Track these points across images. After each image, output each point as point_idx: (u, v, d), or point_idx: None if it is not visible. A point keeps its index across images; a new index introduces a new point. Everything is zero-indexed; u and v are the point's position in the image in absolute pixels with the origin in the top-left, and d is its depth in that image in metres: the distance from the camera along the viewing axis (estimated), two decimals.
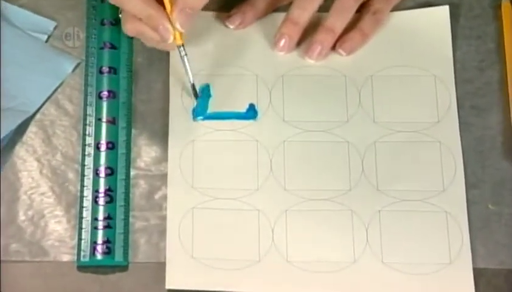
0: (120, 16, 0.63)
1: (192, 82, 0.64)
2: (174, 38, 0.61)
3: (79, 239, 0.61)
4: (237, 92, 0.65)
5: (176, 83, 0.66)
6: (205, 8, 0.65)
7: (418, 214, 0.62)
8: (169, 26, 0.60)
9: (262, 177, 0.63)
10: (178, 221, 0.62)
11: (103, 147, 0.64)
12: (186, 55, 0.62)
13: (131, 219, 0.62)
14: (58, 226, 0.62)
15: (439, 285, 0.60)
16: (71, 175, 0.63)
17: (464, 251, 0.61)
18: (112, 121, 0.64)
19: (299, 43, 0.67)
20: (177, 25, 0.60)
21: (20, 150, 0.64)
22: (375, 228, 0.62)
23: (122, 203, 0.62)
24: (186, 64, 0.63)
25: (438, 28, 0.67)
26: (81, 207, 0.62)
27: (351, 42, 0.66)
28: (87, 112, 0.65)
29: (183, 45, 0.62)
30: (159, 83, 0.66)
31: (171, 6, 0.59)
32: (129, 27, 0.62)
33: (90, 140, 0.64)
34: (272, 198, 0.63)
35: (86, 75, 0.66)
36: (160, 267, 0.61)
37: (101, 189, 0.62)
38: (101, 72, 0.66)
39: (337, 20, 0.65)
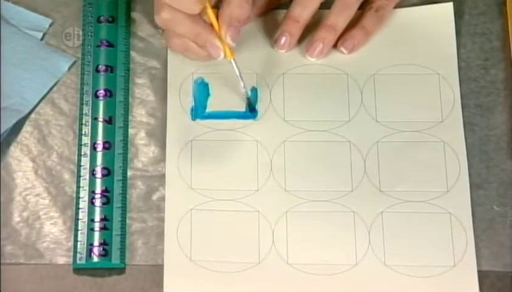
0: (161, 31, 0.63)
1: (248, 96, 0.64)
2: (225, 54, 0.60)
3: (76, 241, 0.61)
4: (236, 91, 0.65)
5: (174, 81, 0.65)
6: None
7: (421, 215, 0.62)
8: (218, 43, 0.60)
9: (262, 178, 0.63)
10: (176, 223, 0.61)
11: (100, 147, 0.63)
12: (238, 69, 0.62)
13: (128, 221, 0.62)
14: (53, 228, 0.62)
15: (442, 288, 0.60)
16: (67, 176, 0.63)
17: (469, 253, 0.61)
18: (109, 121, 0.64)
19: (300, 41, 0.66)
20: (228, 40, 0.60)
21: (15, 150, 0.64)
22: (377, 230, 0.61)
23: (119, 204, 0.62)
24: (239, 77, 0.62)
25: (441, 26, 0.67)
26: (77, 208, 0.62)
27: (353, 40, 0.65)
28: (83, 112, 0.64)
29: (234, 59, 0.61)
30: (156, 81, 0.66)
31: (219, 23, 0.60)
32: (174, 44, 0.62)
33: (86, 140, 0.63)
34: (272, 199, 0.62)
35: (82, 74, 0.65)
36: (158, 270, 0.60)
37: (98, 190, 0.62)
38: (97, 71, 0.65)
39: (339, 17, 0.64)
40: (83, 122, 0.64)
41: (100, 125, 0.64)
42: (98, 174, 0.62)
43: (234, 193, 0.62)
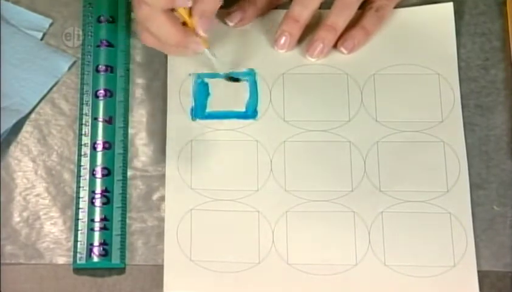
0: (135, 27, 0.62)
1: (228, 75, 0.64)
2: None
3: (76, 241, 0.61)
4: (236, 91, 0.65)
5: (174, 81, 0.65)
6: None
7: (421, 215, 0.62)
8: (197, 39, 0.60)
9: (262, 178, 0.63)
10: (176, 223, 0.61)
11: (100, 147, 0.63)
12: (214, 55, 0.63)
13: (128, 221, 0.62)
14: (53, 228, 0.62)
15: (442, 288, 0.60)
16: (67, 176, 0.63)
17: (469, 253, 0.61)
18: (109, 121, 0.64)
19: (300, 41, 0.66)
20: (200, 32, 0.59)
21: (15, 150, 0.64)
22: (377, 230, 0.61)
23: (119, 204, 0.62)
24: (216, 64, 0.63)
25: (441, 26, 0.67)
26: (77, 208, 0.62)
27: (353, 40, 0.65)
28: (84, 112, 0.64)
29: (209, 49, 0.62)
30: (156, 81, 0.66)
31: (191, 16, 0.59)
32: (147, 39, 0.61)
33: (86, 140, 0.63)
34: (272, 199, 0.62)
35: (82, 74, 0.65)
36: (158, 270, 0.60)
37: (98, 190, 0.62)
38: (97, 71, 0.65)
39: (339, 17, 0.64)
40: (83, 122, 0.64)
41: (100, 125, 0.64)
42: (98, 174, 0.62)
43: (234, 193, 0.62)
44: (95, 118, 0.64)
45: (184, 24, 0.60)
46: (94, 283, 0.60)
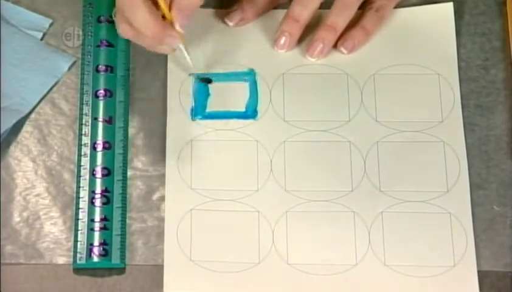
0: (113, 17, 0.61)
1: (199, 76, 0.64)
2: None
3: (76, 241, 0.61)
4: (236, 91, 0.65)
5: (174, 81, 0.65)
6: (205, 5, 0.64)
7: (421, 215, 0.62)
8: (174, 33, 0.59)
9: (262, 178, 0.63)
10: (176, 223, 0.61)
11: (100, 147, 0.63)
12: (189, 53, 0.63)
13: (128, 221, 0.62)
14: (53, 228, 0.62)
15: (443, 288, 0.60)
16: (67, 176, 0.63)
17: (469, 253, 0.61)
18: (109, 121, 0.64)
19: (300, 41, 0.66)
20: (177, 26, 0.59)
21: (15, 150, 0.64)
22: (377, 230, 0.61)
23: (119, 204, 0.62)
24: (189, 62, 0.63)
25: (442, 26, 0.67)
26: (77, 208, 0.62)
27: (353, 40, 0.65)
28: (84, 112, 0.64)
29: (183, 44, 0.62)
30: (156, 81, 0.66)
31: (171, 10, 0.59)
32: (124, 29, 0.59)
33: (86, 140, 0.63)
34: (272, 199, 0.62)
35: (82, 74, 0.65)
36: (158, 270, 0.60)
37: (98, 190, 0.62)
38: (97, 71, 0.65)
39: (339, 17, 0.64)
40: (83, 122, 0.64)
41: (100, 125, 0.64)
42: (98, 174, 0.62)
43: (234, 193, 0.62)
44: (95, 118, 0.64)
45: (163, 17, 0.59)
46: (94, 283, 0.60)
